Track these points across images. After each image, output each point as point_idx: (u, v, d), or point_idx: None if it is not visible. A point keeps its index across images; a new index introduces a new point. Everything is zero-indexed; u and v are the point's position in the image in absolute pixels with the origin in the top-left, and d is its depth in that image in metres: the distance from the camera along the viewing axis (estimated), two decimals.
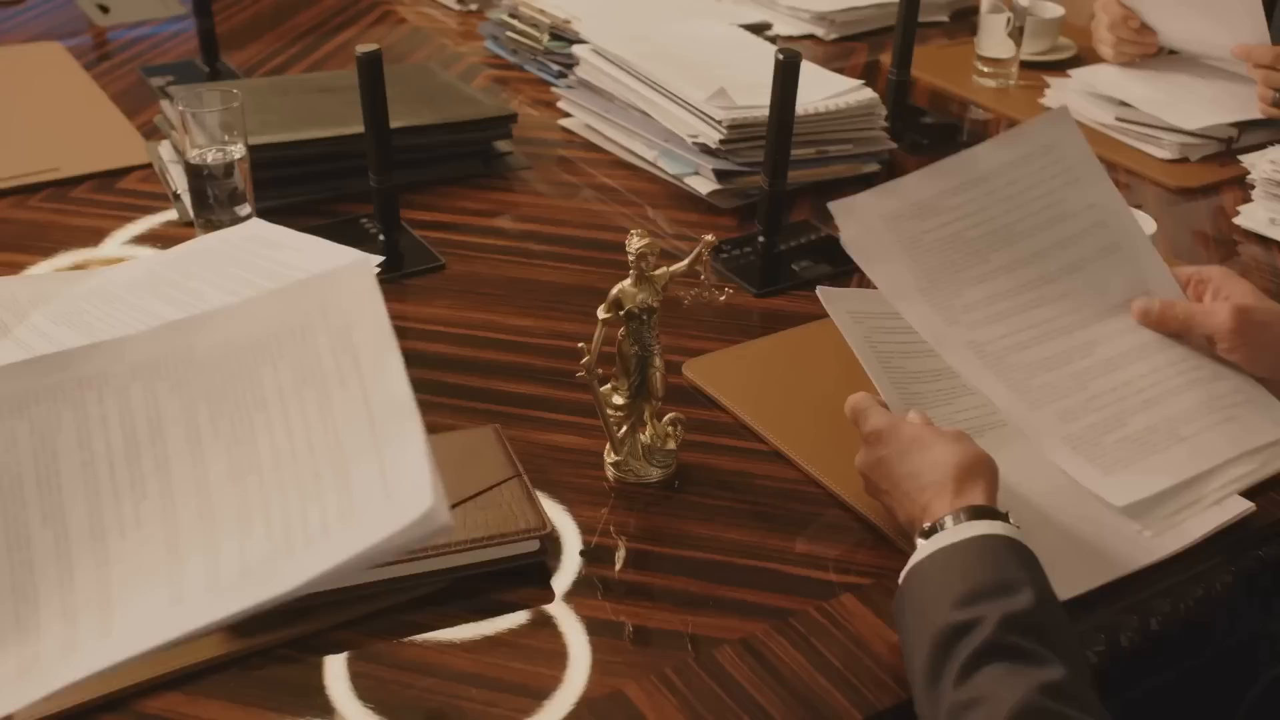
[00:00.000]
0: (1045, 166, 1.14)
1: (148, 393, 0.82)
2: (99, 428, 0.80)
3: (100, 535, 0.76)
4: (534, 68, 1.94)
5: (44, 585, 0.75)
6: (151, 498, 0.78)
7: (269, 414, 0.80)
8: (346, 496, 0.74)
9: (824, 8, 2.10)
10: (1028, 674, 0.80)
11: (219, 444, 0.79)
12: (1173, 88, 1.76)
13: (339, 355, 0.81)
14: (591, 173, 1.67)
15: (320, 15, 2.20)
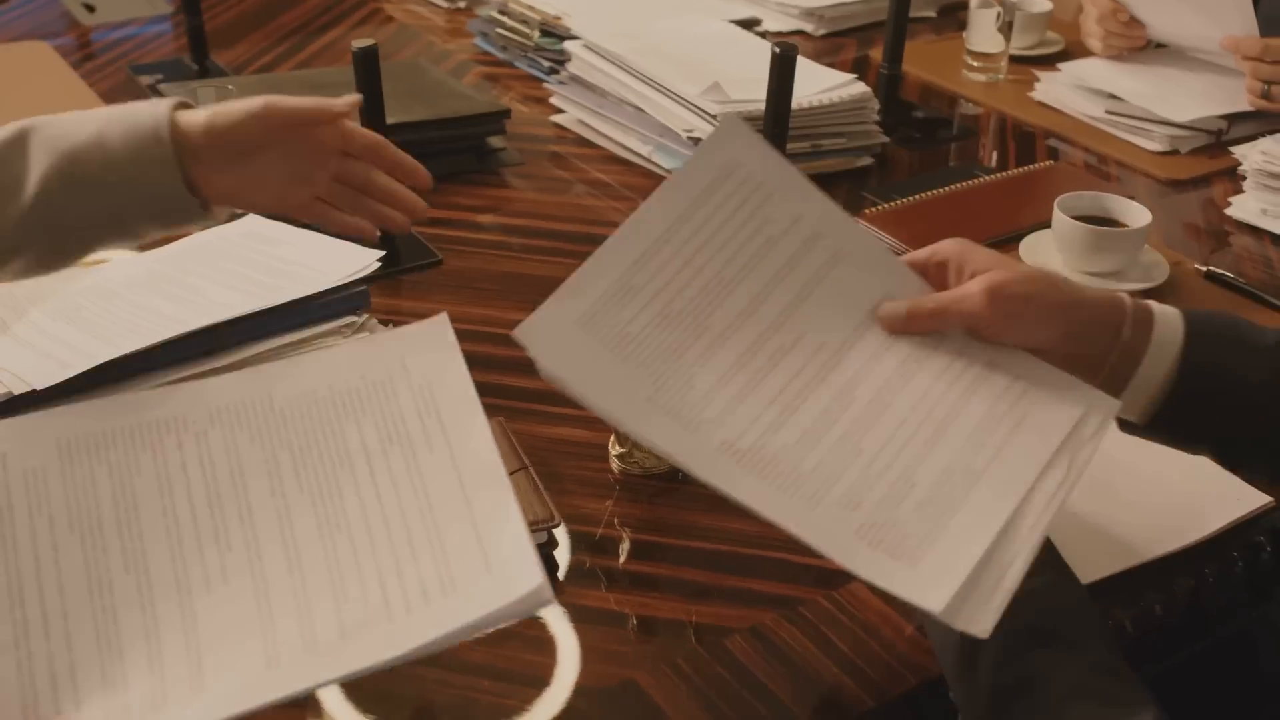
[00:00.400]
0: (734, 192, 0.94)
1: (228, 440, 0.81)
2: (179, 474, 0.79)
3: (185, 587, 0.75)
4: (524, 64, 1.94)
5: (128, 634, 0.73)
6: (237, 549, 0.76)
7: (354, 471, 0.79)
8: (444, 565, 0.73)
9: (813, 4, 2.10)
10: (1069, 656, 0.80)
11: (304, 498, 0.78)
12: (1161, 81, 1.77)
13: (424, 415, 0.81)
14: (584, 168, 1.67)
15: (307, 13, 2.19)
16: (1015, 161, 1.70)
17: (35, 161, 0.96)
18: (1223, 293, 1.38)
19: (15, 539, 0.75)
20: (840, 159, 1.63)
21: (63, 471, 0.78)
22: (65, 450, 0.79)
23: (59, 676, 0.71)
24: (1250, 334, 0.93)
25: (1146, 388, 0.90)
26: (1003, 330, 0.90)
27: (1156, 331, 0.89)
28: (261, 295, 1.13)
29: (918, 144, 1.73)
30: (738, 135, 0.95)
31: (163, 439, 0.80)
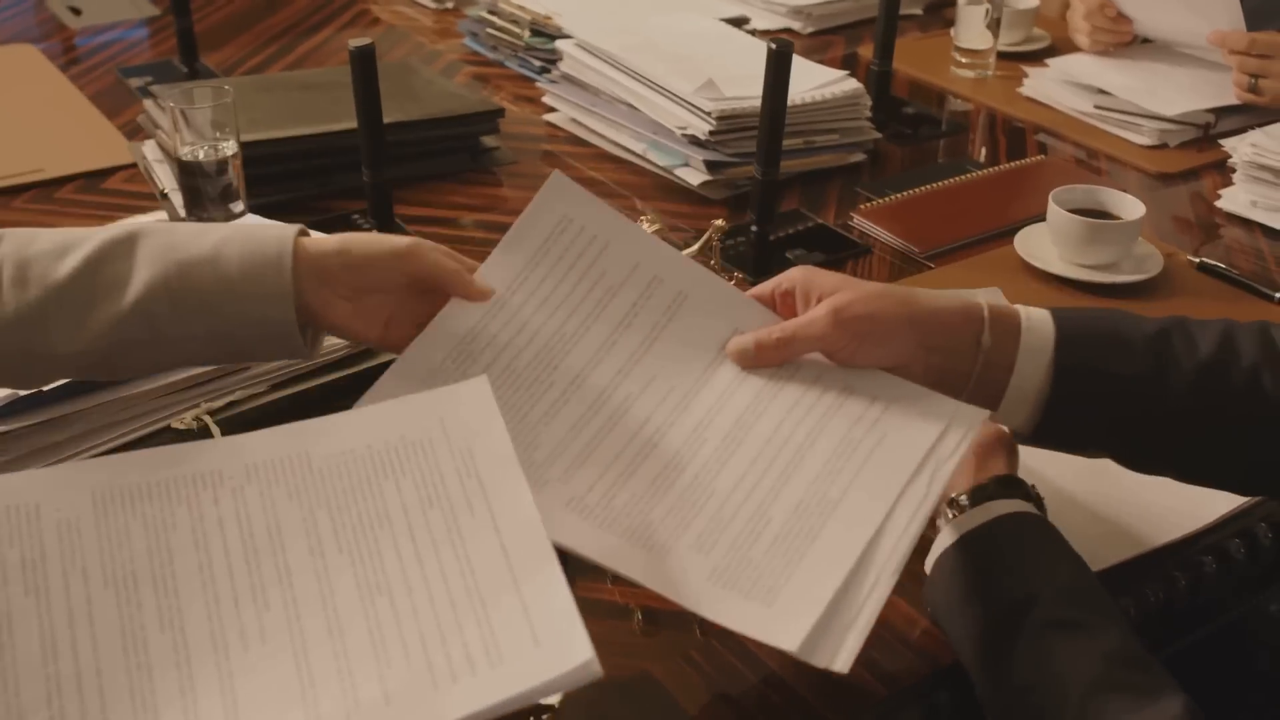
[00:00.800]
0: (570, 244, 0.96)
1: (265, 497, 0.79)
2: (215, 530, 0.78)
3: (222, 646, 0.73)
4: (515, 64, 1.94)
5: (163, 693, 0.71)
6: (275, 609, 0.75)
7: (394, 532, 0.78)
8: (490, 634, 0.72)
9: (801, 2, 2.11)
10: (1090, 645, 0.81)
11: (343, 558, 0.77)
12: (1149, 75, 1.79)
13: (464, 478, 0.80)
14: (578, 166, 1.68)
15: (295, 15, 2.19)
16: (1006, 156, 1.71)
17: (141, 266, 0.88)
18: (1216, 283, 1.39)
19: (48, 591, 0.74)
20: (833, 155, 1.64)
21: (97, 524, 0.77)
22: (99, 502, 0.78)
23: None
24: (1127, 327, 0.91)
25: (1023, 397, 0.89)
26: (855, 350, 0.88)
27: (1025, 338, 0.88)
28: None
29: (909, 140, 1.74)
30: (566, 192, 0.97)
31: (199, 493, 0.79)
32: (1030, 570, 0.87)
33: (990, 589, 0.87)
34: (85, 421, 1.03)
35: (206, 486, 0.79)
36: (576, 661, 0.70)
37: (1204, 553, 1.04)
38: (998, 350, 0.88)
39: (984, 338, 0.88)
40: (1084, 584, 0.87)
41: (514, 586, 0.74)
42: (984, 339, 0.88)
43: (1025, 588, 0.85)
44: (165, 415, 1.07)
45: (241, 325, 0.89)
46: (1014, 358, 0.88)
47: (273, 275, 0.89)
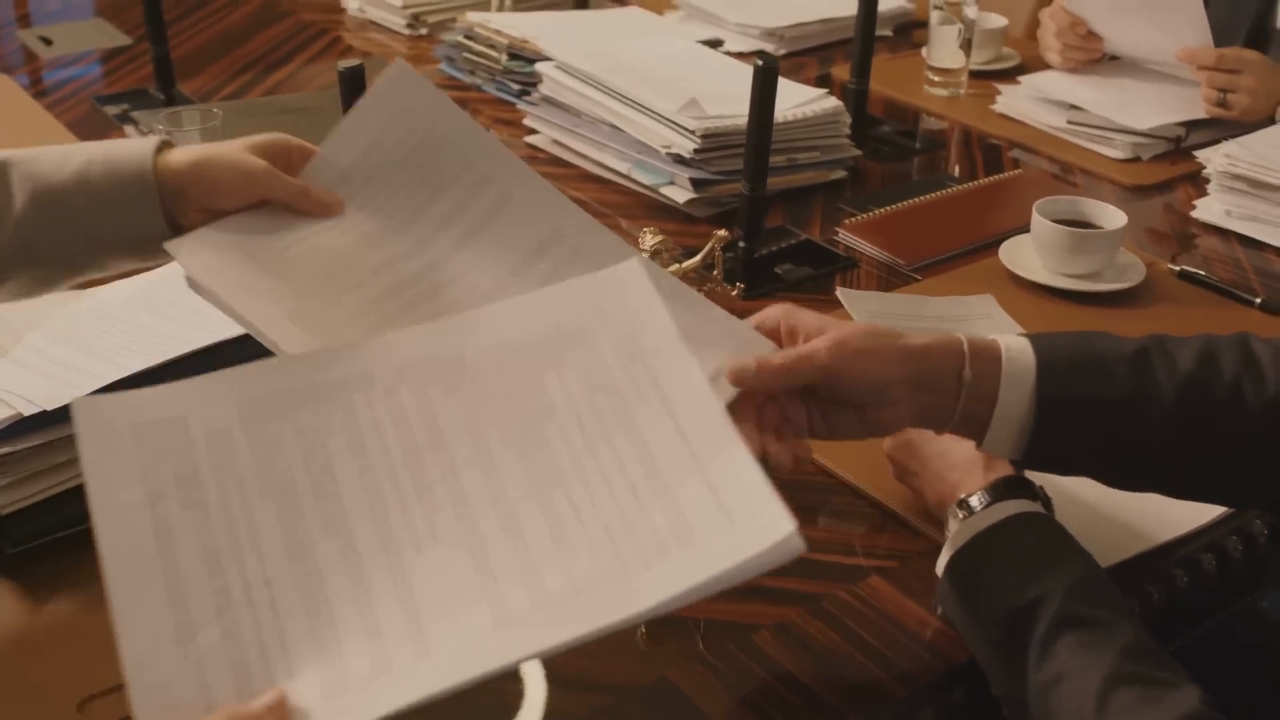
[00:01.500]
0: (404, 138, 0.98)
1: (420, 397, 0.77)
2: (372, 433, 0.75)
3: (394, 549, 0.71)
4: (493, 88, 1.95)
5: (338, 600, 0.69)
6: (444, 508, 0.72)
7: (561, 423, 0.76)
8: (678, 517, 0.70)
9: (773, 24, 2.13)
10: (1105, 641, 0.82)
11: (510, 452, 0.74)
12: (1120, 91, 1.82)
13: (628, 364, 0.77)
14: (561, 187, 1.65)
15: (268, 43, 2.19)
16: (984, 171, 1.74)
17: (16, 196, 0.96)
18: (1197, 290, 1.42)
19: (206, 505, 0.71)
20: (815, 172, 1.66)
21: (247, 434, 0.74)
22: (248, 412, 0.75)
23: (268, 646, 0.68)
24: (1107, 350, 0.92)
25: (1008, 427, 0.89)
26: (851, 384, 0.87)
27: (1006, 369, 0.89)
28: None
29: (887, 157, 1.77)
30: (405, 81, 0.99)
31: (350, 398, 0.76)
32: (1042, 568, 0.88)
33: (1003, 588, 0.88)
34: None
35: (358, 390, 0.77)
36: (778, 536, 0.67)
37: (1204, 549, 1.06)
38: (979, 384, 0.88)
39: (965, 373, 0.88)
40: (1095, 581, 0.88)
41: (697, 468, 0.71)
42: (965, 374, 0.88)
43: (1038, 586, 0.87)
44: None
45: (115, 242, 0.97)
46: (996, 390, 0.89)
47: (136, 194, 0.95)
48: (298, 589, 0.69)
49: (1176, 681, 0.80)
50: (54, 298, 1.25)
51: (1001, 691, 0.88)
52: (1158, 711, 0.79)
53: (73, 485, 1.02)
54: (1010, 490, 0.94)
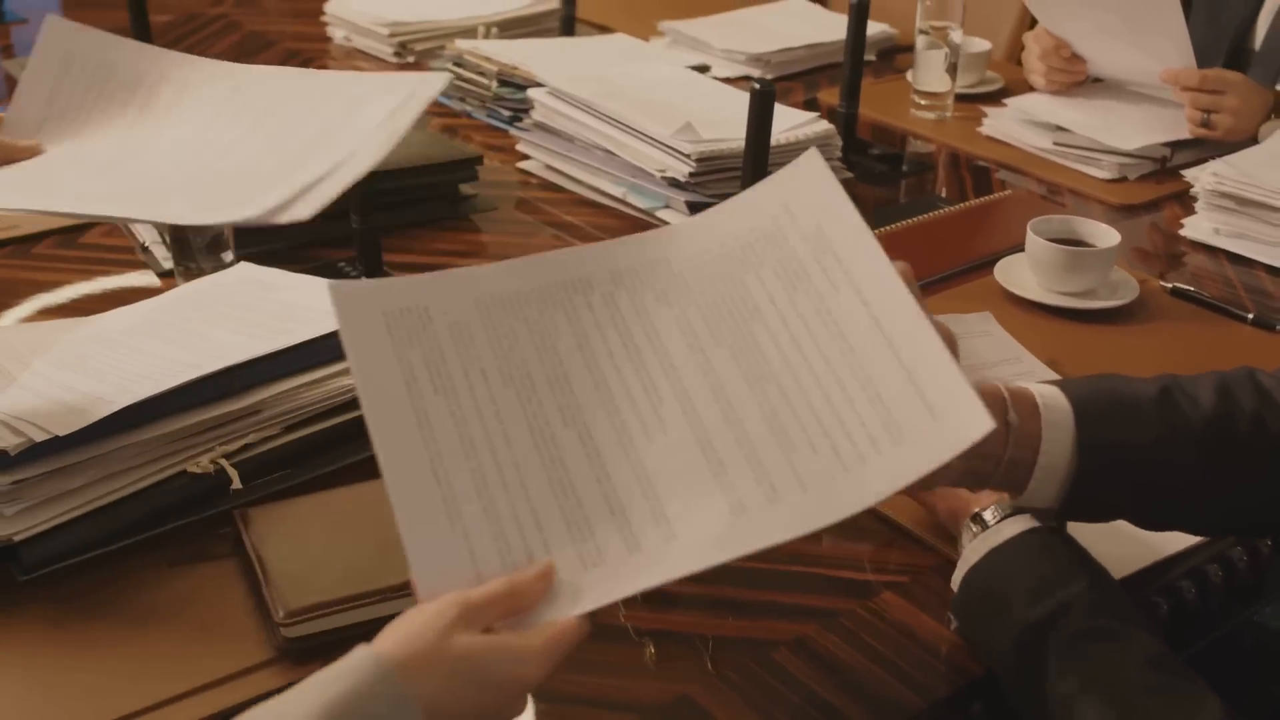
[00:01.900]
0: (81, 74, 1.18)
1: (635, 302, 0.82)
2: (595, 331, 0.80)
3: (626, 438, 0.76)
4: (483, 114, 1.96)
5: (581, 483, 0.74)
6: (668, 401, 0.77)
7: (766, 322, 0.79)
8: (885, 412, 0.73)
9: (759, 49, 2.16)
10: (1127, 652, 0.83)
11: (723, 351, 0.79)
12: (1105, 112, 1.85)
13: (820, 257, 0.80)
14: (555, 212, 1.70)
15: None
16: (973, 193, 1.76)
17: None
18: (1190, 307, 1.44)
19: (455, 391, 0.76)
20: None
21: (485, 327, 0.79)
22: (483, 307, 0.80)
23: (524, 523, 0.73)
24: (1132, 393, 0.92)
25: (1051, 475, 0.88)
26: None
27: (1045, 414, 0.88)
28: (272, 337, 1.13)
29: (878, 179, 1.79)
30: (63, 32, 1.19)
31: (572, 299, 0.81)
32: (1061, 581, 0.89)
33: (1021, 601, 0.89)
34: (101, 467, 1.02)
35: (579, 293, 0.82)
36: (979, 434, 0.70)
37: (1210, 560, 1.07)
38: (1024, 428, 0.87)
39: (1010, 415, 0.87)
40: (1113, 593, 0.89)
41: (896, 359, 0.75)
42: (1011, 417, 0.87)
43: (1057, 598, 0.87)
44: (181, 459, 1.06)
45: None
46: (1039, 435, 0.87)
47: None
48: (545, 472, 0.75)
49: (1199, 692, 0.81)
50: (58, 325, 1.25)
51: (1020, 702, 0.89)
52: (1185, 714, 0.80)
53: (86, 511, 1.01)
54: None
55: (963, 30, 1.92)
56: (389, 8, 2.29)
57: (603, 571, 0.72)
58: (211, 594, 1.00)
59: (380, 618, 0.94)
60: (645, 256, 0.84)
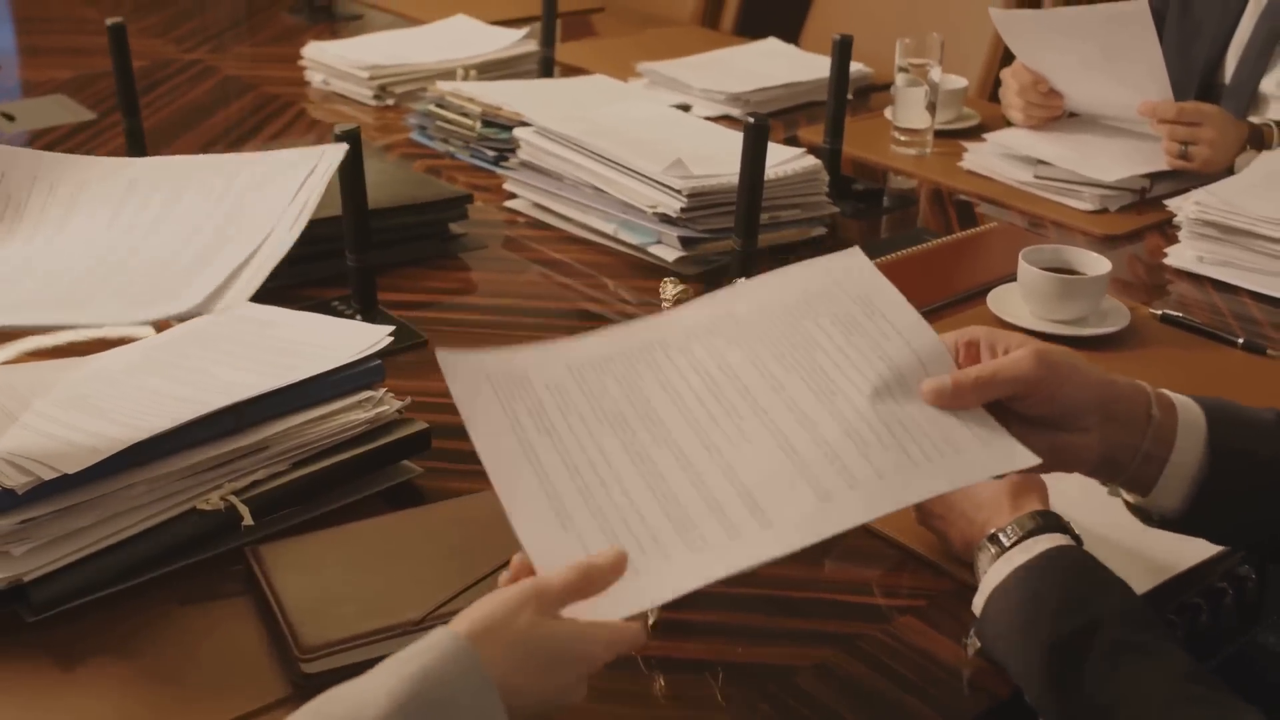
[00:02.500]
0: None
1: (708, 346, 0.92)
2: (676, 376, 0.91)
3: (714, 449, 0.86)
4: (466, 155, 1.96)
5: (679, 487, 0.83)
6: (749, 418, 0.87)
7: (827, 352, 0.90)
8: (939, 430, 0.85)
9: (737, 89, 2.17)
10: (1162, 666, 0.84)
11: (793, 376, 0.89)
12: (1084, 145, 1.88)
13: (870, 315, 0.92)
14: (543, 249, 1.70)
15: (235, 116, 2.19)
16: (958, 225, 1.78)
17: None
18: (1180, 333, 1.46)
19: (557, 430, 0.87)
20: (797, 230, 1.69)
21: (578, 384, 0.90)
22: (575, 370, 0.91)
23: (630, 521, 0.82)
24: (1250, 412, 0.94)
25: (1182, 475, 0.90)
26: (1050, 393, 0.87)
27: (1182, 415, 0.90)
28: (276, 373, 1.12)
29: (864, 214, 1.80)
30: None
31: (653, 354, 0.92)
32: (1088, 598, 0.89)
33: (1050, 619, 0.89)
34: (109, 506, 1.01)
35: (658, 350, 0.93)
36: (1025, 464, 0.83)
37: (1220, 579, 1.08)
38: (1164, 424, 0.89)
39: (1153, 411, 0.89)
40: (1140, 610, 0.90)
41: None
42: (1154, 412, 0.89)
43: (1086, 615, 0.88)
44: (190, 496, 1.05)
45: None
46: (1174, 433, 0.89)
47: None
48: (645, 483, 0.84)
49: (1234, 703, 0.82)
50: (58, 364, 1.24)
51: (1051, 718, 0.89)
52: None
53: (95, 549, 1.00)
54: (1046, 524, 0.96)
55: (941, 68, 1.95)
56: (367, 51, 2.30)
57: (708, 555, 0.80)
58: (225, 631, 0.99)
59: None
60: (713, 311, 0.95)
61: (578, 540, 0.81)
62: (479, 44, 2.36)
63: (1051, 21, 1.93)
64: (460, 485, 1.16)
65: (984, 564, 0.97)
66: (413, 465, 1.18)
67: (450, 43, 2.37)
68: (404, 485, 1.16)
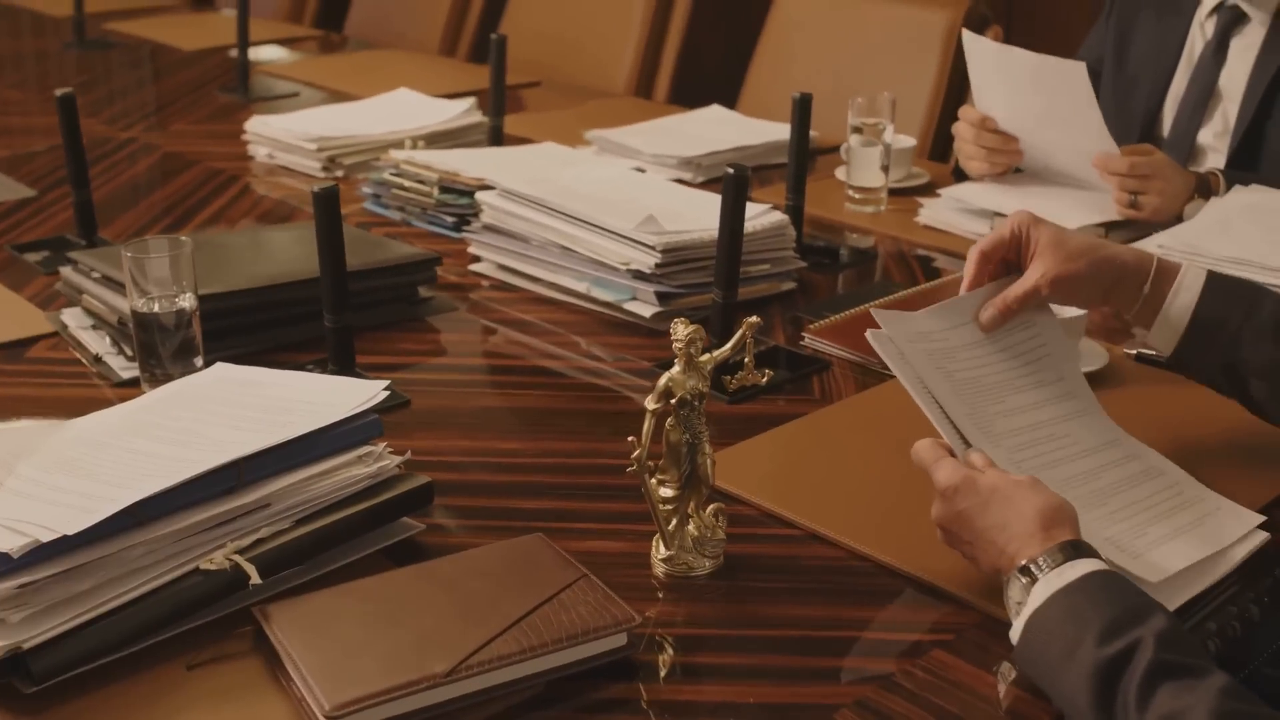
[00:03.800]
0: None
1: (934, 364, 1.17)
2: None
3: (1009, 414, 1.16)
4: (423, 222, 1.94)
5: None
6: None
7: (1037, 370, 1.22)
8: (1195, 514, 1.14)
9: (689, 153, 2.19)
10: (1204, 684, 0.84)
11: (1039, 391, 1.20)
12: (1037, 197, 1.91)
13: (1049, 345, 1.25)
14: (511, 311, 1.68)
15: (181, 190, 2.15)
16: (923, 277, 1.79)
17: None
18: (1154, 370, 1.47)
19: (950, 371, 1.16)
20: (767, 284, 1.69)
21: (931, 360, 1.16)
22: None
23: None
24: (1243, 289, 1.21)
25: (1171, 325, 1.20)
26: (1064, 285, 1.19)
27: (1179, 278, 1.19)
28: (274, 430, 1.08)
29: (828, 268, 1.81)
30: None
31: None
32: (1130, 620, 0.89)
33: (1094, 640, 0.88)
34: (110, 568, 0.97)
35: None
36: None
37: (1232, 602, 1.08)
38: (1155, 294, 1.20)
39: (1146, 288, 1.20)
40: (1178, 630, 0.90)
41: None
42: (1146, 289, 1.20)
43: (1129, 636, 0.88)
44: (192, 557, 1.00)
45: None
46: (1164, 298, 1.19)
47: None
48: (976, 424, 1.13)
49: (1276, 715, 0.82)
50: (37, 427, 1.19)
51: None
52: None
53: (97, 614, 0.95)
54: (1078, 552, 0.95)
55: (894, 127, 1.98)
56: (312, 124, 2.28)
57: None
58: (237, 695, 0.94)
59: (424, 707, 0.91)
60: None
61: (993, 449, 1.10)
62: (424, 115, 2.36)
63: (1010, 58, 1.90)
64: (463, 540, 1.13)
65: (1016, 594, 0.97)
66: (414, 522, 1.14)
67: (395, 114, 2.37)
68: (406, 542, 1.13)
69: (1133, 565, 1.05)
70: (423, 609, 0.99)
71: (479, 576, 1.03)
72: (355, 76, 2.86)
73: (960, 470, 1.03)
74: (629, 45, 3.10)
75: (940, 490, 1.03)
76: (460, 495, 1.21)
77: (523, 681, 0.94)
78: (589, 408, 1.43)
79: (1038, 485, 1.01)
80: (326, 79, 2.89)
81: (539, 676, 0.95)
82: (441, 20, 3.55)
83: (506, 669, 0.94)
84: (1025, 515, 0.98)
